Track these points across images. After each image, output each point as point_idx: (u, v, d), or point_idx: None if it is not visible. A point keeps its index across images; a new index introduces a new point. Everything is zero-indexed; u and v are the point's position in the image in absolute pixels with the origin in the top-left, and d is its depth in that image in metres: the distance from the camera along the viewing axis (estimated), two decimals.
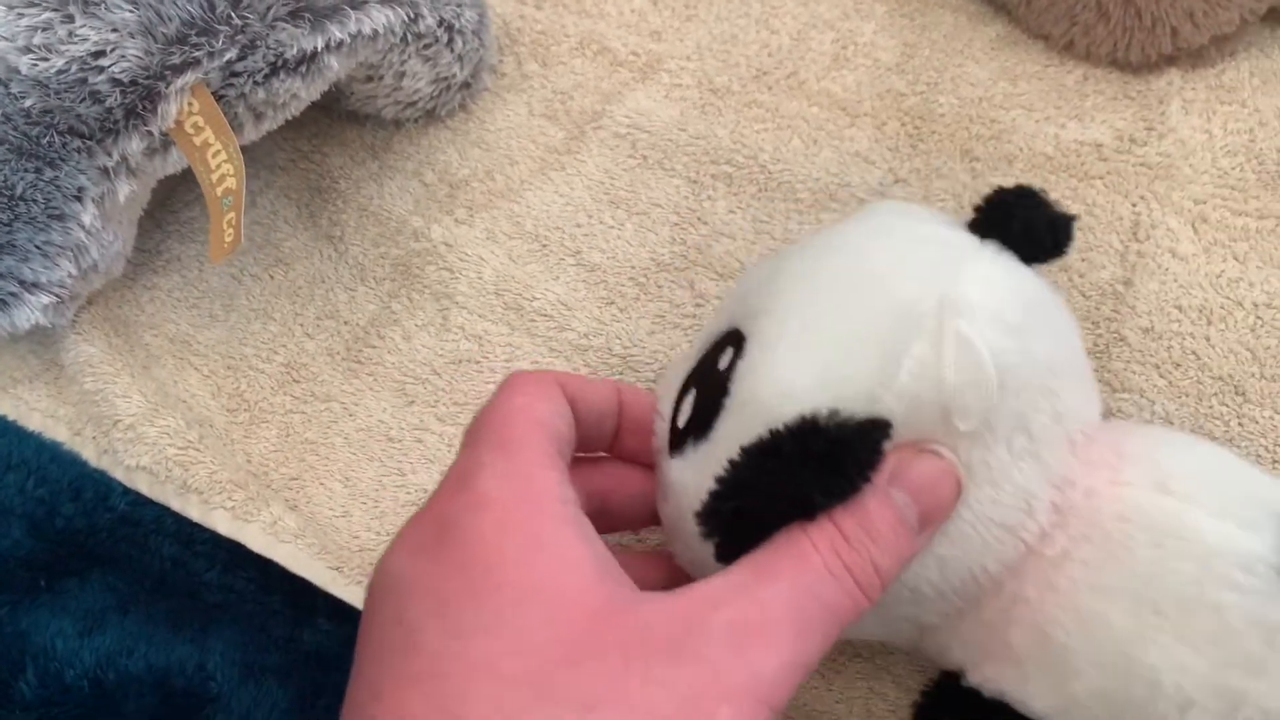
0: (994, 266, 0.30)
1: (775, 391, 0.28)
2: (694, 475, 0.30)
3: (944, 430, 0.28)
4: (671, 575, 0.34)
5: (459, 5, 0.46)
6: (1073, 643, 0.29)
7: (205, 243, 0.48)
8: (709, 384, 0.31)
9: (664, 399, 0.33)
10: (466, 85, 0.50)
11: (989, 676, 0.31)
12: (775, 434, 0.28)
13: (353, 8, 0.40)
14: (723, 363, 0.31)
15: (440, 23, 0.45)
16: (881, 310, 0.29)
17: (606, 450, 0.35)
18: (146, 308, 0.47)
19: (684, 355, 0.34)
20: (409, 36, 0.43)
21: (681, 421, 0.31)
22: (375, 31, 0.41)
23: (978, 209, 0.32)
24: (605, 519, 0.34)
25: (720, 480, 0.28)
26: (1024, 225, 0.31)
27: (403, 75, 0.46)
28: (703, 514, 0.28)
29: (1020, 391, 0.28)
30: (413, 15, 0.43)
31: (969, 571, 0.30)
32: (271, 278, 0.48)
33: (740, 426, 0.29)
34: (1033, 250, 0.31)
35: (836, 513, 0.27)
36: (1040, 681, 0.30)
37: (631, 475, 0.34)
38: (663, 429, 0.32)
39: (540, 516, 0.27)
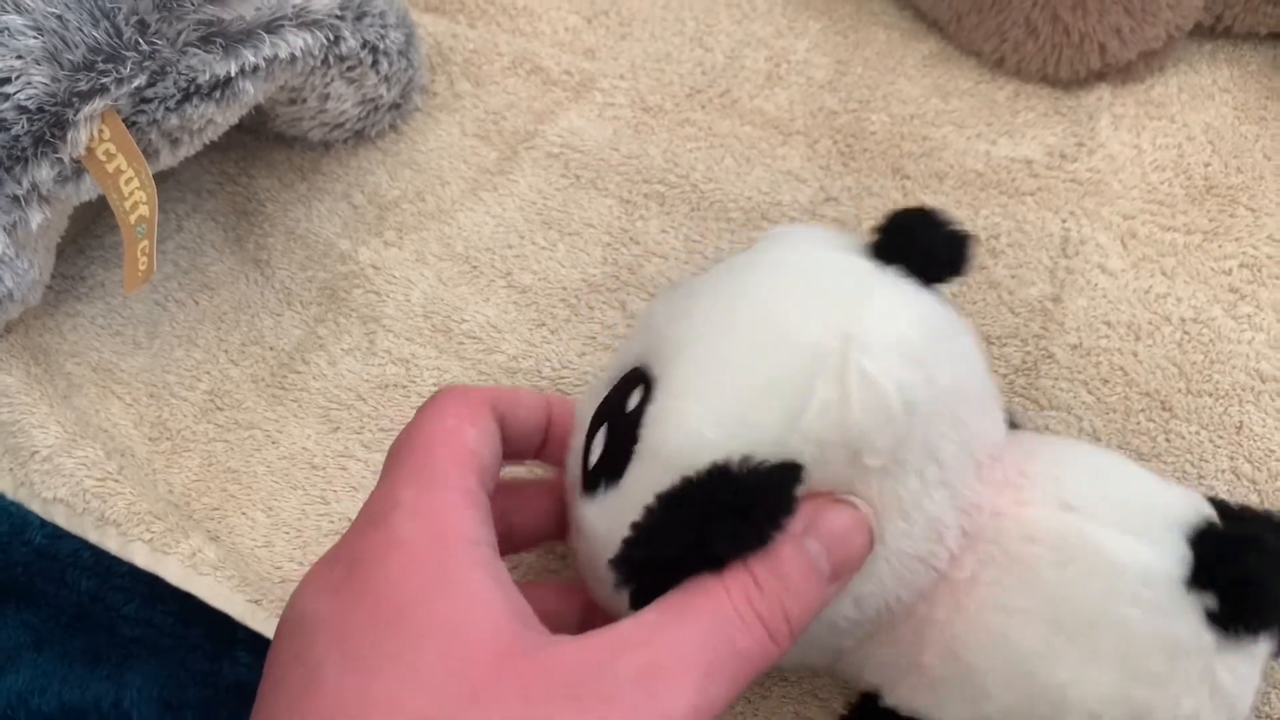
0: (895, 298, 0.30)
1: (685, 441, 0.28)
2: (606, 521, 0.30)
3: (854, 468, 0.28)
4: (587, 608, 0.34)
5: (384, 26, 0.45)
6: (982, 663, 0.29)
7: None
8: (618, 426, 0.30)
9: (578, 431, 0.33)
10: (396, 106, 0.49)
11: (904, 697, 0.31)
12: (687, 482, 0.27)
13: (268, 32, 0.39)
14: (631, 403, 0.30)
15: (363, 44, 0.44)
16: (786, 353, 0.28)
17: (532, 458, 0.35)
18: (68, 335, 0.46)
19: (596, 385, 0.34)
20: (330, 59, 0.43)
21: (593, 460, 0.31)
22: (293, 55, 0.40)
23: (877, 232, 0.32)
24: (512, 539, 0.34)
25: (634, 528, 0.28)
26: (923, 247, 0.31)
27: (327, 97, 0.45)
28: (616, 562, 0.28)
29: (928, 422, 0.28)
30: (333, 38, 0.42)
31: (883, 602, 0.30)
32: (196, 303, 0.47)
33: (651, 475, 0.29)
34: (934, 270, 0.31)
35: (751, 559, 0.27)
36: (953, 702, 0.30)
37: (542, 493, 0.34)
38: (575, 464, 0.32)
39: (451, 558, 0.26)
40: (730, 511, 0.27)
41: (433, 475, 0.28)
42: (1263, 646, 0.29)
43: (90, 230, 0.49)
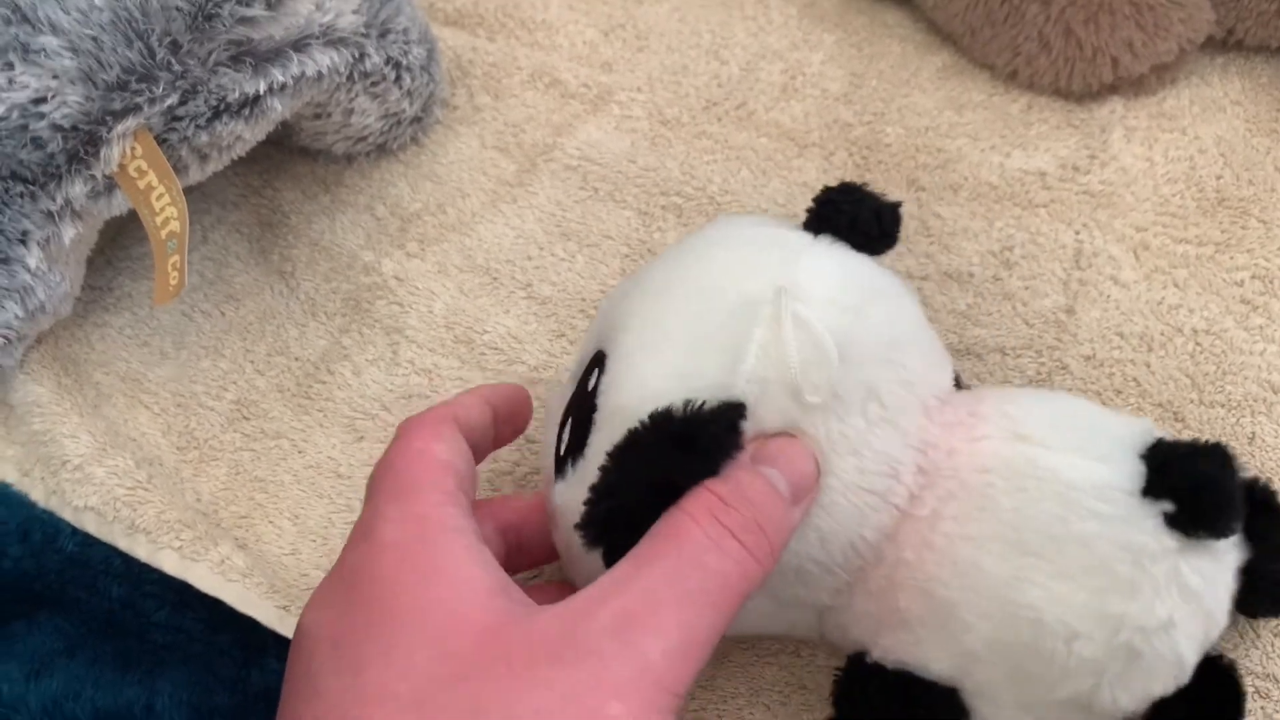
0: (824, 257, 0.32)
1: (635, 395, 0.30)
2: (574, 493, 0.31)
3: (796, 407, 0.30)
4: None
5: (407, 42, 0.46)
6: (955, 596, 0.30)
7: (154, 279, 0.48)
8: (580, 406, 0.32)
9: (548, 429, 0.34)
10: (417, 119, 0.50)
11: (887, 647, 0.32)
12: (633, 431, 0.29)
13: (295, 50, 0.40)
14: (590, 383, 0.32)
15: (387, 60, 0.45)
16: (723, 307, 0.31)
17: (495, 448, 0.37)
18: (97, 346, 0.47)
19: (562, 385, 0.35)
20: (355, 75, 0.44)
21: (562, 449, 0.32)
22: (319, 73, 0.41)
23: (809, 210, 0.34)
24: (521, 555, 0.35)
25: (592, 488, 0.29)
26: (851, 218, 0.33)
27: (351, 112, 0.46)
28: (581, 524, 0.29)
29: (863, 364, 0.30)
30: (358, 55, 0.43)
31: (848, 542, 0.31)
32: (222, 314, 0.48)
33: (609, 435, 0.30)
34: (864, 241, 0.33)
35: (710, 482, 0.28)
36: (933, 642, 0.31)
37: (537, 508, 0.35)
38: (548, 459, 0.33)
39: (433, 548, 0.28)
40: (677, 444, 0.28)
41: (410, 488, 0.30)
42: (1228, 550, 0.31)
43: (117, 242, 0.49)
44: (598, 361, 0.32)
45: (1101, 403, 0.43)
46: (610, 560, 0.28)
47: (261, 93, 0.39)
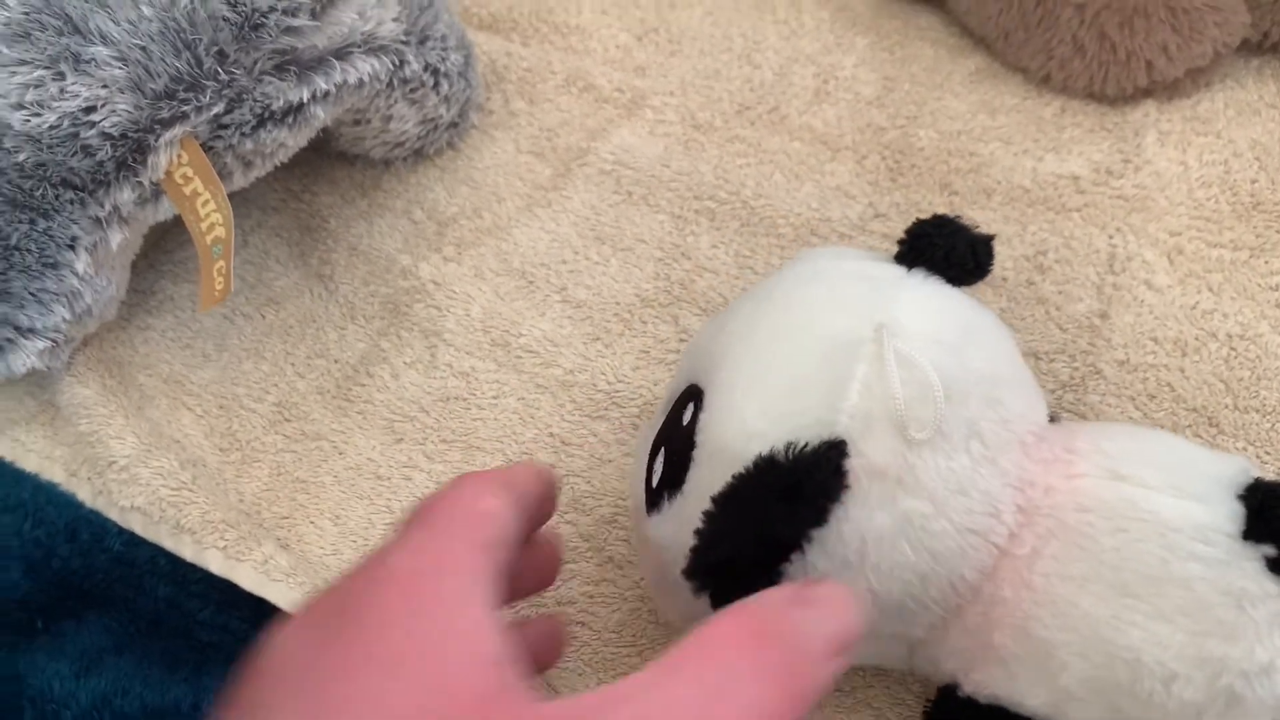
0: (921, 292, 0.32)
1: (736, 435, 0.30)
2: (672, 529, 0.31)
3: (902, 444, 0.29)
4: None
5: (445, 49, 0.47)
6: (1053, 635, 0.30)
7: (197, 283, 0.49)
8: (676, 440, 0.32)
9: (637, 460, 0.34)
10: (454, 125, 0.51)
11: (980, 682, 0.32)
12: (738, 478, 0.29)
13: (337, 59, 0.41)
14: (685, 417, 0.32)
15: (426, 67, 0.46)
16: (822, 344, 0.31)
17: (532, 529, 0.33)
18: (140, 348, 0.48)
19: (651, 421, 0.35)
20: (395, 82, 0.44)
21: (655, 481, 0.32)
22: (361, 80, 0.42)
23: (901, 242, 0.34)
24: (517, 586, 0.32)
25: (698, 534, 0.29)
26: (946, 252, 0.33)
27: (390, 118, 0.47)
28: (688, 571, 0.29)
29: (966, 400, 0.30)
30: (398, 62, 0.44)
31: (948, 581, 0.31)
32: (263, 317, 0.48)
33: (709, 474, 0.30)
34: (958, 273, 0.33)
35: (755, 607, 0.26)
36: (1029, 679, 0.31)
37: (537, 544, 0.33)
38: (637, 490, 0.34)
39: (445, 587, 0.24)
40: (782, 495, 0.28)
41: (443, 522, 0.26)
42: None
43: (160, 246, 0.50)
44: (692, 396, 0.32)
45: (1134, 408, 0.43)
46: (717, 604, 0.28)
47: (305, 100, 0.40)
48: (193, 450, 0.45)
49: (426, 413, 0.45)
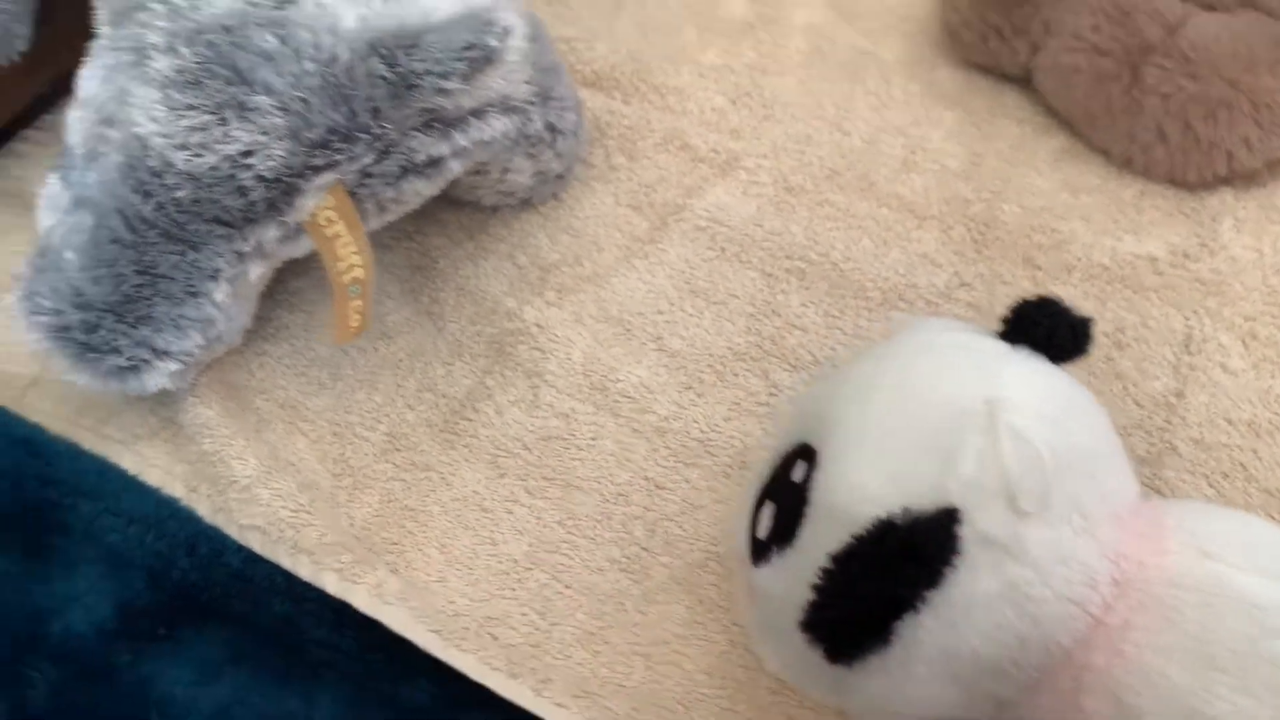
0: (1028, 369, 0.34)
1: (852, 497, 0.32)
2: (784, 582, 0.33)
3: (1009, 513, 0.31)
4: None
5: (563, 109, 0.50)
6: (1142, 703, 0.32)
7: (312, 312, 0.52)
8: (786, 496, 0.34)
9: (740, 514, 0.37)
10: (560, 176, 0.53)
11: None
12: (857, 540, 0.31)
13: (475, 117, 0.43)
14: (797, 475, 0.34)
15: (546, 125, 0.48)
16: (935, 414, 0.33)
17: None
18: (257, 373, 0.50)
19: (754, 473, 0.37)
20: (519, 138, 0.47)
21: (762, 533, 0.35)
22: (494, 137, 0.44)
23: (1005, 320, 0.36)
24: None
25: (816, 590, 0.31)
26: (1049, 332, 0.36)
27: (508, 171, 0.49)
28: (807, 625, 0.31)
29: (1069, 475, 0.32)
30: (525, 120, 0.46)
31: (1044, 646, 0.33)
32: (375, 350, 0.51)
33: (824, 532, 0.32)
34: (1058, 352, 0.35)
35: None
36: None
37: None
38: (741, 541, 0.36)
39: None
40: (900, 558, 0.30)
41: None
42: None
43: (277, 276, 0.53)
44: (804, 455, 0.35)
45: (1208, 486, 0.45)
46: (831, 658, 0.30)
47: (445, 155, 0.43)
48: (308, 474, 0.47)
49: (528, 450, 0.48)
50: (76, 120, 0.49)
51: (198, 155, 0.40)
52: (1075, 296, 0.50)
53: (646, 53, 0.61)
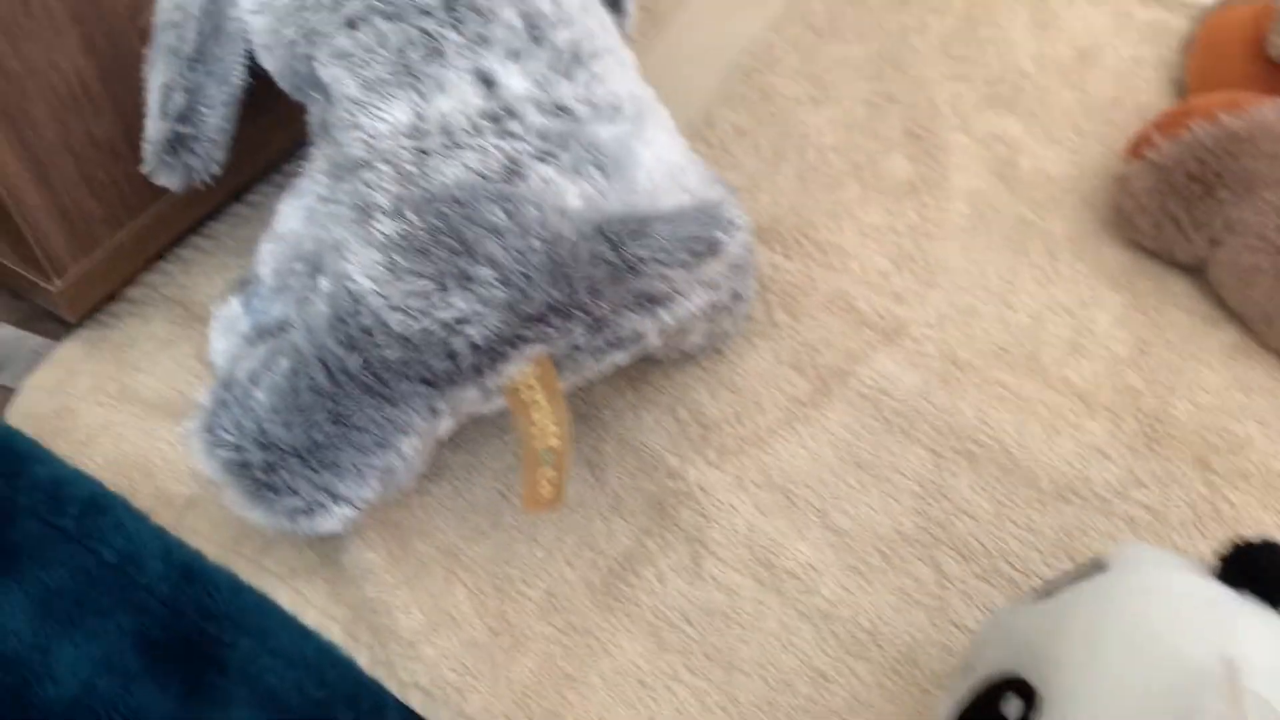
0: (1260, 621, 0.33)
1: None
2: None
3: None
4: None
5: (746, 276, 0.49)
6: None
7: (475, 453, 0.51)
8: None
9: None
10: (727, 334, 0.53)
11: None
12: None
13: (681, 294, 0.43)
14: (1011, 713, 0.34)
15: (732, 293, 0.48)
16: (1169, 671, 0.32)
17: None
18: (418, 513, 0.50)
19: (950, 694, 0.37)
20: (708, 308, 0.47)
21: None
22: (694, 313, 0.44)
23: (1224, 560, 0.36)
24: None
25: None
26: (1273, 578, 0.34)
27: (688, 334, 0.49)
28: None
29: None
30: (717, 291, 0.46)
31: None
32: None
33: None
34: None
35: None
36: None
37: None
38: None
39: None
40: None
41: None
42: None
43: None
44: (1018, 690, 0.34)
45: None
46: None
47: (649, 330, 0.42)
48: (468, 630, 0.46)
49: (690, 624, 0.47)
50: (269, 253, 0.50)
51: (413, 319, 0.40)
52: (1252, 505, 0.49)
53: (809, 206, 0.61)
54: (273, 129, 0.58)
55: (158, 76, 0.47)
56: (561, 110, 0.43)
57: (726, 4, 0.73)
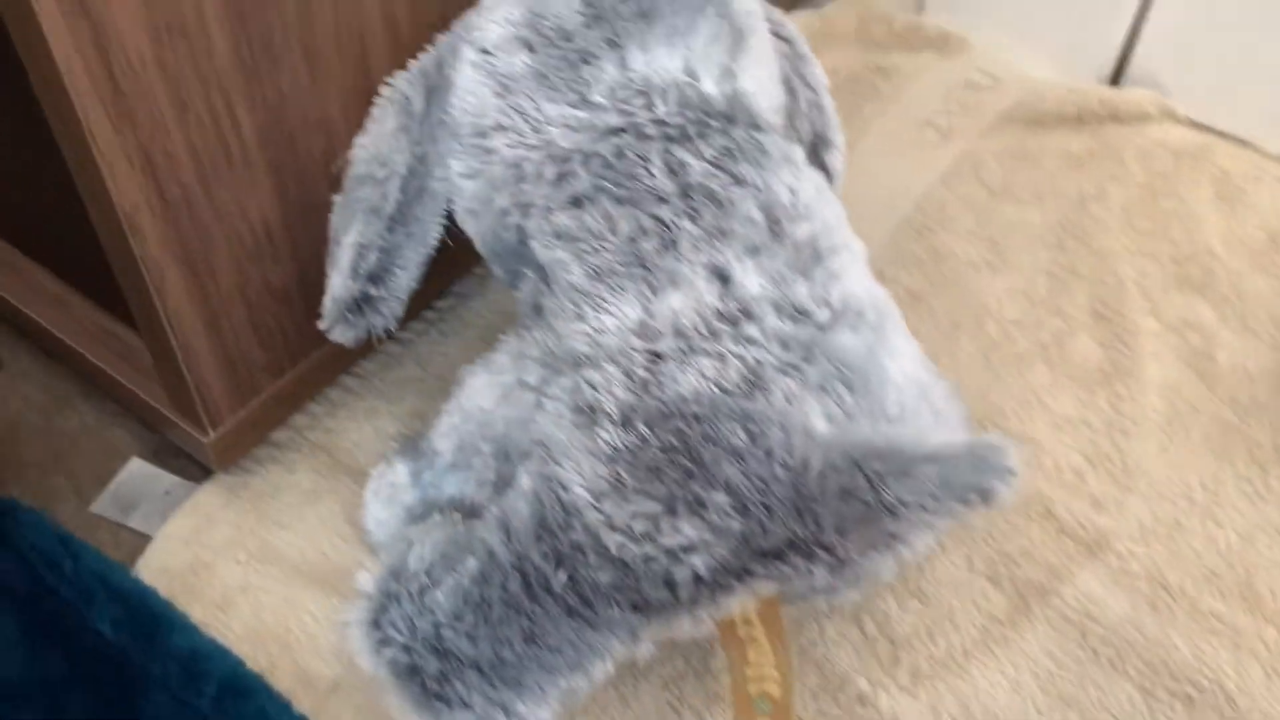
0: None
1: None
2: None
3: None
4: None
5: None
6: None
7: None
8: None
9: None
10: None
11: None
12: None
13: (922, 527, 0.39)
14: None
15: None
16: None
17: None
18: (578, 717, 0.45)
19: None
20: None
21: None
22: (931, 546, 0.40)
23: None
24: None
25: None
26: None
27: None
28: None
29: None
30: None
31: None
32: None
33: None
34: None
35: None
36: None
37: None
38: None
39: None
40: None
41: None
42: None
43: None
44: None
45: None
46: None
47: (887, 568, 0.38)
48: None
49: None
50: (451, 427, 0.46)
51: (635, 543, 0.36)
52: None
53: (996, 389, 0.57)
54: (430, 272, 0.55)
55: (352, 235, 0.44)
56: (801, 313, 0.39)
57: (895, 150, 0.70)
